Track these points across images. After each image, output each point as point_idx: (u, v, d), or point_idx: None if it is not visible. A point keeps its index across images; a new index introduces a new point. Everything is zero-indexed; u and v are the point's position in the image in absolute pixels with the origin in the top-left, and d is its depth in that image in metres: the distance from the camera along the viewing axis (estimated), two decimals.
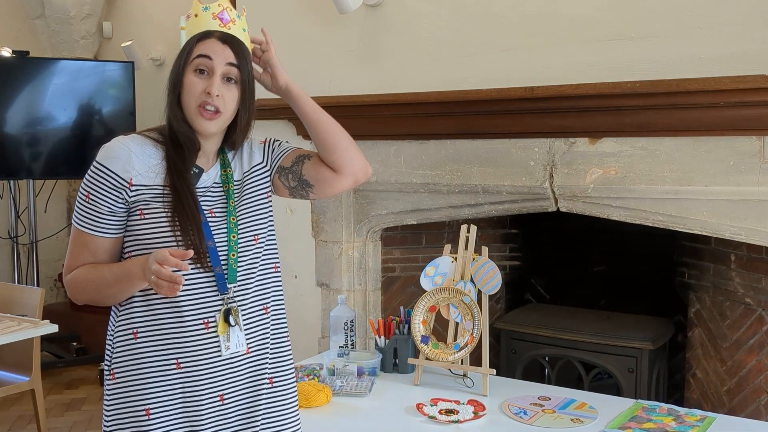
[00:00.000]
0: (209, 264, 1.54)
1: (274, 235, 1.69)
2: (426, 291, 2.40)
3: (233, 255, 1.57)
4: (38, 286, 4.77)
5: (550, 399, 2.22)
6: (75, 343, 4.92)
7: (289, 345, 1.72)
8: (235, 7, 3.40)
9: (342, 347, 2.54)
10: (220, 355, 1.55)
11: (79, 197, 1.56)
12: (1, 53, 4.73)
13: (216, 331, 1.54)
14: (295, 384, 1.73)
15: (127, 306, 1.57)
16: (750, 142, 2.27)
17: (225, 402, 1.58)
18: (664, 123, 2.39)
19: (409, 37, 2.91)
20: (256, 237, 1.62)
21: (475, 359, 2.32)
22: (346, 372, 2.41)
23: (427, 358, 2.36)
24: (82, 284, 1.57)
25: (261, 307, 1.63)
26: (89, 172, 1.56)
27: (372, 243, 3.19)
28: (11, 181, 4.97)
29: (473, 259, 2.37)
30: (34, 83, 4.70)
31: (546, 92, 2.50)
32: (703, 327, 2.85)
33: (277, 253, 1.69)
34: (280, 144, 1.75)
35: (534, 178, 2.66)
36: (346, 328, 2.55)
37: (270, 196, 1.70)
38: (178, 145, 1.58)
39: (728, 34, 2.30)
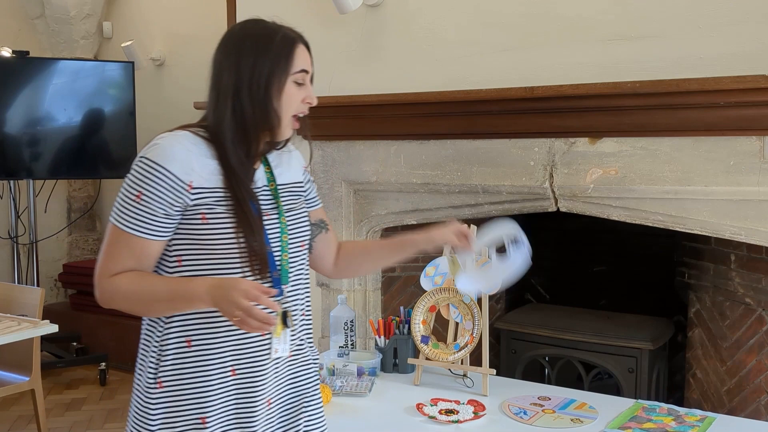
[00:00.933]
0: (269, 274, 1.52)
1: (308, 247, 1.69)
2: (426, 291, 2.40)
3: (285, 256, 1.55)
4: (38, 286, 4.77)
5: (550, 399, 2.22)
6: (75, 343, 4.92)
7: (314, 347, 1.73)
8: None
9: (342, 347, 2.54)
10: (268, 360, 1.54)
11: (126, 197, 1.46)
12: (1, 53, 4.73)
13: (268, 336, 1.52)
14: (320, 385, 1.74)
15: (179, 314, 1.51)
16: (750, 142, 2.27)
17: (272, 406, 1.57)
18: (664, 123, 2.39)
19: (409, 37, 2.91)
20: (303, 244, 1.62)
21: (475, 359, 2.32)
22: (346, 372, 2.41)
23: (427, 358, 2.36)
24: (125, 293, 1.49)
25: (301, 312, 1.63)
26: (139, 170, 1.46)
27: None
28: (11, 181, 4.97)
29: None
30: (34, 83, 4.70)
31: (546, 92, 2.50)
32: (703, 327, 2.85)
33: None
34: (314, 186, 1.78)
35: (534, 178, 2.66)
36: (346, 328, 2.55)
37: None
38: (246, 147, 1.52)
39: (728, 34, 2.30)
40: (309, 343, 1.69)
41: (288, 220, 1.59)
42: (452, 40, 2.81)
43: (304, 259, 1.63)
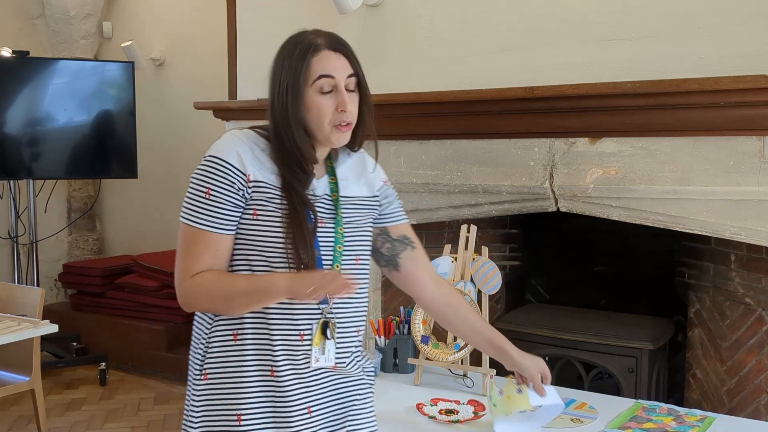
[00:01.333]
0: None
1: (369, 264, 1.65)
2: None
3: (337, 267, 1.53)
4: (38, 286, 4.77)
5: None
6: (75, 343, 4.92)
7: (370, 366, 1.71)
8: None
9: None
10: (307, 367, 1.52)
11: (195, 196, 1.49)
12: (1, 53, 4.73)
13: (309, 343, 1.51)
14: (372, 401, 1.71)
15: None
16: (750, 142, 2.27)
17: (312, 414, 1.54)
18: (664, 123, 2.39)
19: (409, 37, 2.91)
20: (358, 258, 1.59)
21: (475, 359, 2.32)
22: None
23: (427, 358, 2.36)
24: (208, 290, 1.49)
25: (355, 328, 1.60)
26: (204, 168, 1.49)
27: None
28: (11, 181, 4.97)
29: (473, 259, 2.37)
30: (34, 83, 4.70)
31: (546, 92, 2.50)
32: (703, 327, 2.85)
33: (368, 281, 1.65)
34: (397, 202, 1.73)
35: (534, 178, 2.66)
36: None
37: (372, 228, 1.66)
38: (300, 156, 1.51)
39: (728, 34, 2.31)
40: (357, 359, 1.64)
41: (345, 232, 1.56)
42: (452, 40, 2.81)
43: (360, 274, 1.59)
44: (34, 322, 3.08)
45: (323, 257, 1.52)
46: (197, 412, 1.54)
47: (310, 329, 1.52)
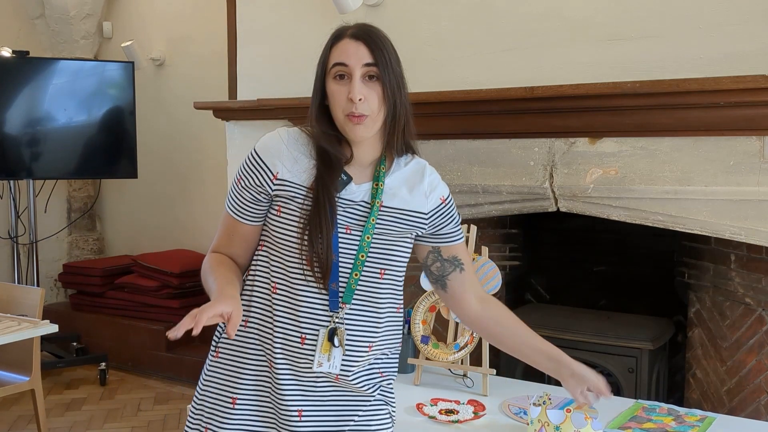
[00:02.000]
0: (328, 285, 1.49)
1: (402, 280, 1.61)
2: (426, 291, 2.40)
3: (356, 275, 1.51)
4: (38, 286, 4.77)
5: (550, 399, 2.22)
6: (75, 343, 4.92)
7: (391, 385, 1.66)
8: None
9: None
10: (307, 372, 1.51)
11: (233, 181, 1.58)
12: (1, 53, 4.73)
13: (310, 348, 1.49)
14: (391, 421, 1.65)
15: (248, 292, 1.56)
16: (750, 142, 2.27)
17: (303, 419, 1.53)
18: (664, 123, 2.39)
19: (409, 37, 2.91)
20: (383, 271, 1.54)
21: (475, 359, 2.32)
22: None
23: (427, 358, 2.36)
24: (203, 272, 1.58)
25: (366, 344, 1.55)
26: (246, 157, 1.57)
27: None
28: (11, 181, 4.97)
29: (473, 259, 2.37)
30: (34, 83, 4.70)
31: (546, 92, 2.50)
32: (703, 327, 2.85)
33: (401, 298, 1.62)
34: (454, 222, 1.67)
35: (534, 178, 2.66)
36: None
37: (412, 242, 1.62)
38: (326, 152, 1.53)
39: (728, 34, 2.31)
40: (371, 377, 1.59)
41: (374, 241, 1.53)
42: (452, 40, 2.82)
43: (384, 288, 1.55)
44: (34, 322, 3.08)
45: (343, 262, 1.50)
46: (203, 386, 1.59)
47: (315, 334, 1.50)
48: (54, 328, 3.10)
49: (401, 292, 1.62)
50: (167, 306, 4.71)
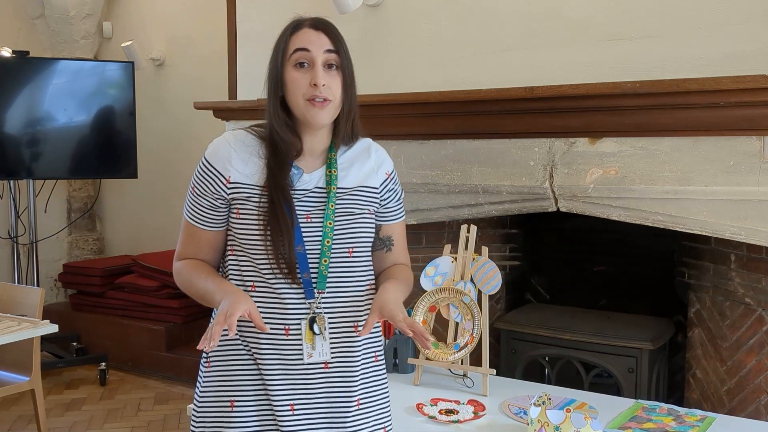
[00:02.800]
0: (299, 278, 1.51)
1: (369, 253, 1.62)
2: (426, 291, 2.40)
3: (325, 261, 1.53)
4: (38, 286, 4.77)
5: (550, 399, 2.22)
6: (75, 343, 4.92)
7: (383, 370, 1.67)
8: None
9: None
10: (296, 363, 1.53)
11: (189, 189, 1.60)
12: (1, 53, 4.73)
13: (296, 339, 1.52)
14: (389, 408, 1.67)
15: None
16: (750, 142, 2.27)
17: (295, 412, 1.54)
18: (664, 123, 2.39)
19: (409, 37, 2.91)
20: (351, 250, 1.56)
21: (475, 359, 2.32)
22: None
23: (427, 358, 2.36)
24: (182, 279, 1.61)
25: (350, 325, 1.57)
26: (197, 166, 1.59)
27: None
28: (11, 181, 4.97)
29: (473, 259, 2.37)
30: (34, 83, 4.70)
31: (546, 92, 2.50)
32: (703, 327, 2.84)
33: (372, 273, 1.63)
34: (398, 198, 1.68)
35: (534, 178, 2.66)
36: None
37: (373, 217, 1.63)
38: (277, 149, 1.54)
39: (728, 34, 2.31)
40: (355, 356, 1.60)
41: (336, 225, 1.54)
42: (452, 40, 2.82)
43: (355, 266, 1.57)
44: (34, 322, 3.08)
45: (310, 250, 1.52)
46: (200, 396, 1.61)
47: (298, 325, 1.52)
48: (54, 328, 3.10)
49: (372, 266, 1.63)
50: (167, 306, 4.71)
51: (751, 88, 2.17)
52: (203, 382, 1.61)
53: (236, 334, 1.53)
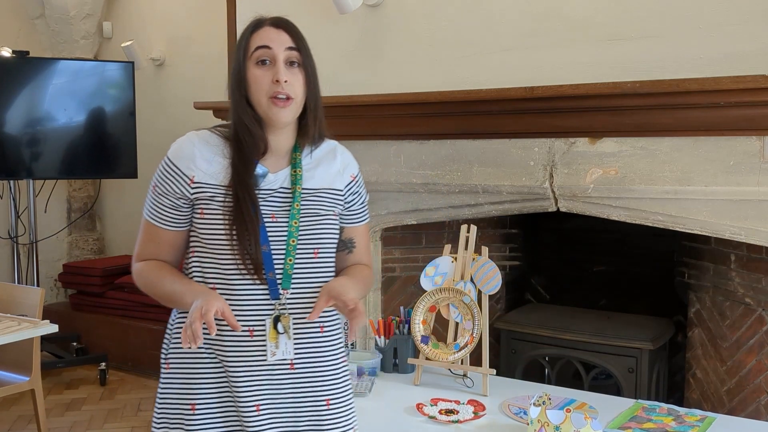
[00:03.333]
0: (264, 277, 1.51)
1: (333, 254, 1.63)
2: (426, 291, 2.40)
3: (290, 260, 1.53)
4: (38, 286, 4.77)
5: (550, 399, 2.22)
6: (75, 343, 4.92)
7: (347, 368, 1.67)
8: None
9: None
10: (261, 364, 1.53)
11: (150, 188, 1.58)
12: (1, 53, 4.73)
13: (260, 340, 1.52)
14: (353, 406, 1.68)
15: None
16: (750, 142, 2.27)
17: (261, 413, 1.54)
18: (664, 123, 2.39)
19: (409, 37, 2.91)
20: (317, 251, 1.57)
21: (475, 359, 2.32)
22: None
23: (427, 358, 2.36)
24: (144, 280, 1.60)
25: (317, 326, 1.58)
26: (160, 166, 1.57)
27: (372, 243, 3.18)
28: (11, 181, 4.97)
29: (473, 259, 2.37)
30: (34, 83, 4.70)
31: (546, 92, 2.50)
32: (703, 327, 2.84)
33: (333, 274, 1.63)
34: (362, 201, 1.70)
35: (534, 178, 2.66)
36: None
37: (338, 219, 1.64)
38: (241, 147, 1.54)
39: (728, 34, 2.31)
40: (321, 356, 1.61)
41: (302, 225, 1.55)
42: (452, 40, 2.82)
43: (321, 266, 1.58)
44: (34, 322, 3.08)
45: (275, 250, 1.52)
46: (160, 402, 1.60)
47: (263, 325, 1.52)
48: (54, 328, 3.10)
49: (334, 266, 1.64)
50: (167, 306, 4.70)
51: (751, 88, 2.17)
52: (162, 385, 1.60)
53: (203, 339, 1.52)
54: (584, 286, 3.54)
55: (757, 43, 2.26)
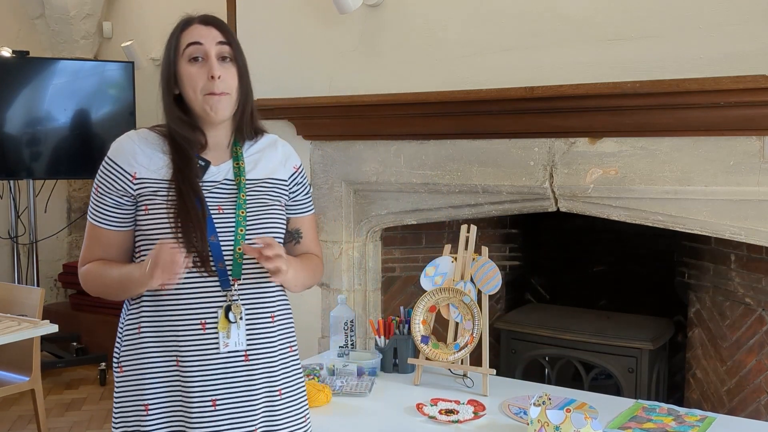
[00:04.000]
0: (213, 269, 1.52)
1: (281, 243, 1.64)
2: (426, 291, 2.40)
3: (239, 249, 1.54)
4: (38, 286, 4.77)
5: (550, 399, 2.22)
6: (75, 343, 4.92)
7: (298, 359, 1.69)
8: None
9: (342, 347, 2.54)
10: (215, 357, 1.54)
11: (92, 191, 1.60)
12: (1, 53, 4.73)
13: (214, 333, 1.53)
14: (305, 395, 1.70)
15: (137, 300, 1.58)
16: (750, 142, 2.27)
17: (217, 407, 1.55)
18: (664, 123, 2.39)
19: (409, 37, 2.91)
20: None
21: (475, 359, 2.32)
22: (346, 372, 2.41)
23: (427, 358, 2.36)
24: (92, 279, 1.60)
25: (268, 314, 1.60)
26: (100, 167, 1.58)
27: (372, 243, 3.19)
28: (11, 181, 4.97)
29: (473, 259, 2.37)
30: (34, 83, 4.70)
31: (546, 92, 2.50)
32: (703, 327, 2.85)
33: None
34: (306, 191, 1.72)
35: (534, 178, 2.66)
36: (346, 328, 2.55)
37: (284, 210, 1.66)
38: (179, 143, 1.57)
39: (728, 34, 2.30)
40: (290, 354, 1.64)
41: (249, 215, 1.57)
42: (452, 40, 2.81)
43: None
44: (34, 322, 3.09)
45: (224, 240, 1.54)
46: (116, 405, 1.61)
47: (215, 317, 1.53)
48: (54, 328, 3.10)
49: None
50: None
51: (751, 88, 2.17)
52: (117, 388, 1.61)
53: (153, 337, 1.55)
54: (584, 286, 3.54)
55: (757, 43, 2.26)
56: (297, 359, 1.69)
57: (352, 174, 3.08)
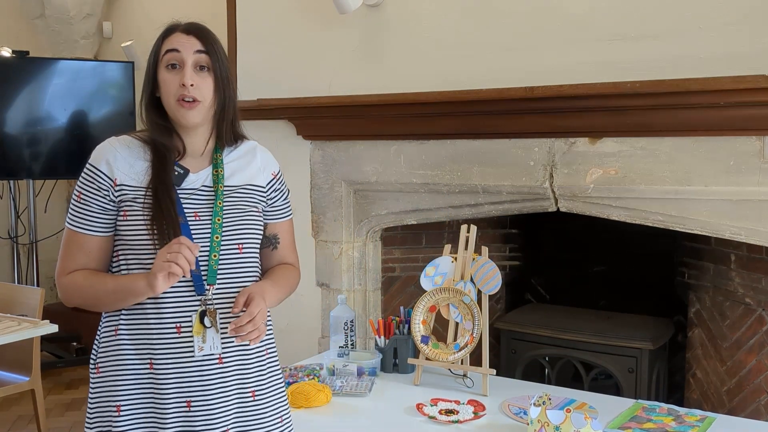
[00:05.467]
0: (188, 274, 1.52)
1: (258, 250, 1.66)
2: (426, 291, 2.40)
3: (215, 256, 1.56)
4: (38, 286, 4.77)
5: (550, 399, 2.22)
6: (75, 343, 4.92)
7: (276, 362, 1.69)
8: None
9: (342, 347, 2.54)
10: (190, 360, 1.54)
11: (72, 199, 1.61)
12: (1, 53, 4.73)
13: (189, 337, 1.54)
14: (284, 398, 1.70)
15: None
16: (750, 142, 2.27)
17: (192, 409, 1.55)
18: (664, 123, 2.39)
19: (409, 37, 2.91)
20: (241, 246, 1.60)
21: (475, 359, 2.32)
22: (346, 372, 2.41)
23: (427, 358, 2.36)
24: (79, 289, 1.62)
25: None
26: (82, 174, 1.61)
27: (372, 243, 3.19)
28: (11, 181, 4.97)
29: (473, 259, 2.37)
30: (34, 83, 4.70)
31: (546, 92, 2.50)
32: (703, 327, 2.85)
33: (258, 269, 1.67)
34: (284, 197, 1.74)
35: (534, 178, 2.66)
36: (346, 328, 2.55)
37: (261, 215, 1.68)
38: (158, 148, 1.59)
39: (728, 34, 2.30)
40: (267, 356, 1.65)
41: (225, 221, 1.58)
42: (452, 40, 2.81)
43: (245, 262, 1.61)
44: (34, 322, 3.09)
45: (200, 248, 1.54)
46: (90, 404, 1.63)
47: (189, 321, 1.54)
48: (54, 328, 3.10)
49: (258, 260, 1.66)
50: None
51: (751, 88, 2.17)
52: (92, 388, 1.63)
53: (129, 340, 1.57)
54: (584, 286, 3.54)
55: (757, 43, 2.26)
56: (275, 362, 1.69)
57: (352, 174, 3.08)
